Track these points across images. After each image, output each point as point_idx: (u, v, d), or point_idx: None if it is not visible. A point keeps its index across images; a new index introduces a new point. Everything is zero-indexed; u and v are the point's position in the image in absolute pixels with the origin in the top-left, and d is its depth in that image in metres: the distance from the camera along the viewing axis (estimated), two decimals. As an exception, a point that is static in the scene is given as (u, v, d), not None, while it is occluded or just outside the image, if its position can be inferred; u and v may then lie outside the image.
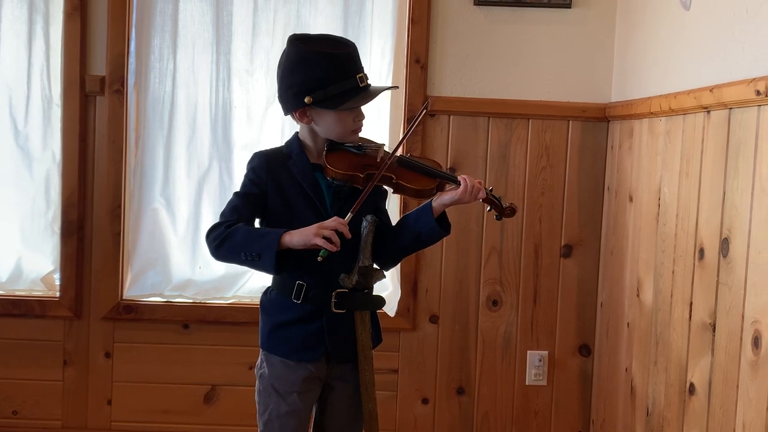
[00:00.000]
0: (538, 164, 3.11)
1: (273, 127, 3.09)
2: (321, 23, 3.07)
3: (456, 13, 3.06)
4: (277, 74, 2.13)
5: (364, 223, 2.10)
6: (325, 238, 1.98)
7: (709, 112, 2.20)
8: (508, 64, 3.08)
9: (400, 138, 3.03)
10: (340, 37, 2.19)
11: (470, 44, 3.07)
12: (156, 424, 3.13)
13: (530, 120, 3.09)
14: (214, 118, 3.11)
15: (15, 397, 3.12)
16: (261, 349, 2.20)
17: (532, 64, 3.09)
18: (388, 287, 3.14)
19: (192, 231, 3.13)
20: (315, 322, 2.12)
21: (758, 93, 1.88)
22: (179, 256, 3.14)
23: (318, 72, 2.04)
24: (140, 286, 3.13)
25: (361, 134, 2.19)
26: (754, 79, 1.91)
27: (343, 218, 2.04)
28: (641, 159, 2.73)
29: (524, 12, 3.06)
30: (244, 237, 2.04)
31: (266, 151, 2.20)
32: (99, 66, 3.04)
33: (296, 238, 2.01)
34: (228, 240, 2.04)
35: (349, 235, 2.01)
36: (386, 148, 2.17)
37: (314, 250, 2.01)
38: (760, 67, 1.93)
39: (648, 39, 2.76)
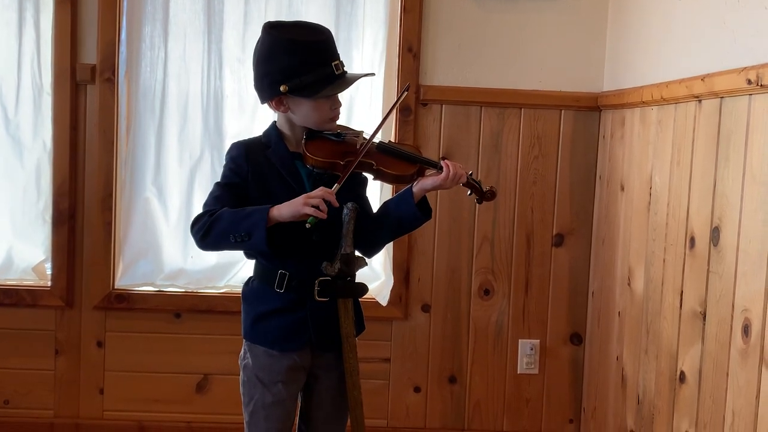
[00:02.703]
0: (530, 153, 3.11)
1: (265, 116, 3.07)
2: (313, 12, 3.05)
3: (449, 2, 3.05)
4: (253, 62, 2.12)
5: (346, 211, 2.10)
6: (313, 206, 1.97)
7: (700, 101, 2.20)
8: (500, 53, 3.08)
9: (386, 125, 3.03)
10: (316, 24, 2.16)
11: (463, 33, 3.07)
12: (148, 413, 3.13)
13: (522, 109, 3.09)
14: (206, 108, 3.09)
15: (6, 387, 3.11)
16: (244, 340, 2.20)
17: (524, 53, 3.08)
18: (381, 276, 3.14)
19: (184, 220, 3.12)
20: (298, 311, 2.12)
21: (749, 82, 1.88)
22: (171, 245, 3.14)
23: (293, 60, 2.03)
24: (132, 275, 3.12)
25: (354, 124, 2.18)
26: (745, 68, 1.91)
27: (326, 208, 2.04)
28: (633, 148, 2.73)
29: (517, 1, 3.05)
30: (230, 219, 2.02)
31: (245, 140, 2.19)
32: (90, 54, 3.02)
33: (285, 210, 2.00)
34: (214, 226, 2.02)
35: (336, 204, 2.00)
36: (365, 135, 2.16)
37: (300, 234, 2.01)
38: (751, 56, 1.94)
39: (640, 28, 2.76)
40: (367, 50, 3.08)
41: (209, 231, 2.03)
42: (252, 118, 3.10)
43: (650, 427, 2.51)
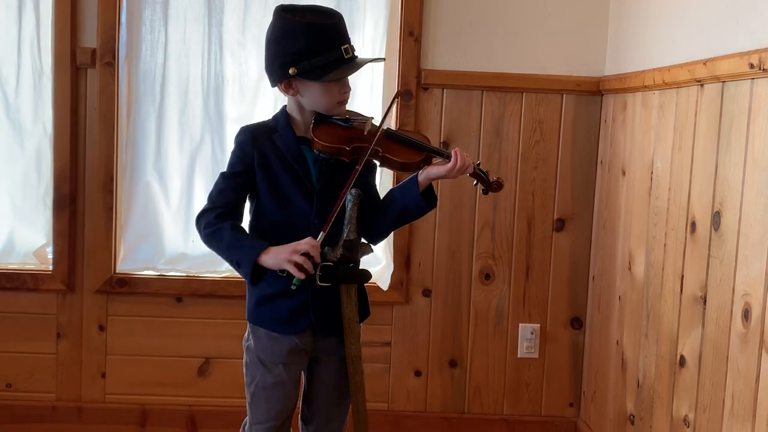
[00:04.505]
0: (532, 138, 3.10)
1: (265, 100, 3.08)
2: (314, -5, 3.04)
3: (450, -15, 3.04)
4: (264, 46, 2.12)
5: (349, 197, 2.09)
6: (296, 264, 2.00)
7: (702, 85, 2.19)
8: (502, 37, 3.07)
9: (387, 112, 3.02)
10: (327, 8, 2.16)
11: (464, 17, 3.05)
12: (150, 396, 3.14)
13: (524, 93, 3.09)
14: (206, 91, 3.09)
15: (8, 370, 3.12)
16: (248, 322, 2.21)
17: (526, 36, 3.07)
18: (381, 261, 3.15)
19: (185, 205, 3.13)
20: (300, 294, 2.12)
21: (752, 66, 1.88)
22: (172, 229, 3.14)
23: (302, 43, 2.03)
24: (133, 259, 3.13)
25: (355, 108, 2.17)
26: (748, 52, 1.91)
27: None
28: (634, 133, 2.73)
29: (518, -16, 3.05)
30: (227, 242, 2.07)
31: (253, 125, 2.19)
32: (90, 38, 3.01)
33: (270, 259, 2.03)
34: (213, 240, 2.09)
35: (318, 260, 2.04)
36: (374, 122, 2.15)
37: (304, 226, 2.07)
38: (753, 40, 1.93)
39: (642, 12, 2.75)
40: (368, 34, 3.07)
41: (211, 239, 2.10)
42: (253, 102, 3.09)
43: (650, 411, 2.52)
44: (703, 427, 2.15)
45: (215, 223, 2.08)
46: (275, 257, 2.02)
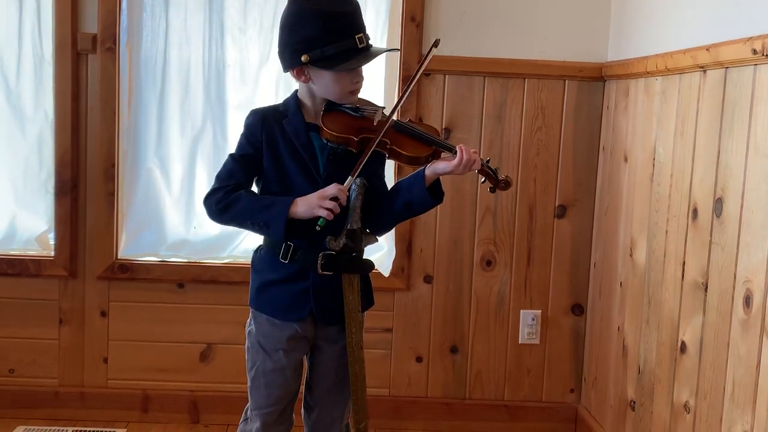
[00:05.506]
0: (534, 124, 3.10)
1: (267, 85, 3.07)
2: (315, -20, 3.02)
3: (452, -30, 3.02)
4: (279, 30, 2.12)
5: (354, 186, 2.08)
6: (326, 208, 2.00)
7: (705, 71, 2.19)
8: (504, 22, 3.05)
9: (389, 96, 3.02)
10: None
11: (466, 2, 3.04)
12: (152, 382, 3.15)
13: (526, 80, 3.08)
14: (208, 77, 3.08)
15: (11, 356, 3.14)
16: (250, 307, 2.22)
17: (528, 22, 3.06)
18: (383, 247, 3.15)
19: (186, 191, 3.13)
20: (301, 282, 2.12)
21: (755, 52, 1.87)
22: (174, 215, 3.14)
23: (315, 31, 2.01)
24: (135, 245, 3.13)
25: (361, 95, 2.16)
26: (751, 38, 1.90)
27: (342, 183, 2.04)
28: (637, 119, 2.72)
29: (521, -30, 3.03)
30: (249, 205, 2.06)
31: (263, 108, 2.19)
32: (91, 23, 3.00)
33: (301, 208, 2.03)
34: (231, 207, 2.06)
35: (344, 203, 2.04)
36: (385, 112, 2.14)
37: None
38: (756, 25, 1.92)
39: (645, -3, 2.74)
40: (369, 20, 3.05)
41: (226, 210, 2.07)
42: (254, 87, 3.09)
43: (651, 397, 2.52)
44: (703, 414, 2.16)
45: (227, 198, 2.07)
46: (306, 205, 2.02)
